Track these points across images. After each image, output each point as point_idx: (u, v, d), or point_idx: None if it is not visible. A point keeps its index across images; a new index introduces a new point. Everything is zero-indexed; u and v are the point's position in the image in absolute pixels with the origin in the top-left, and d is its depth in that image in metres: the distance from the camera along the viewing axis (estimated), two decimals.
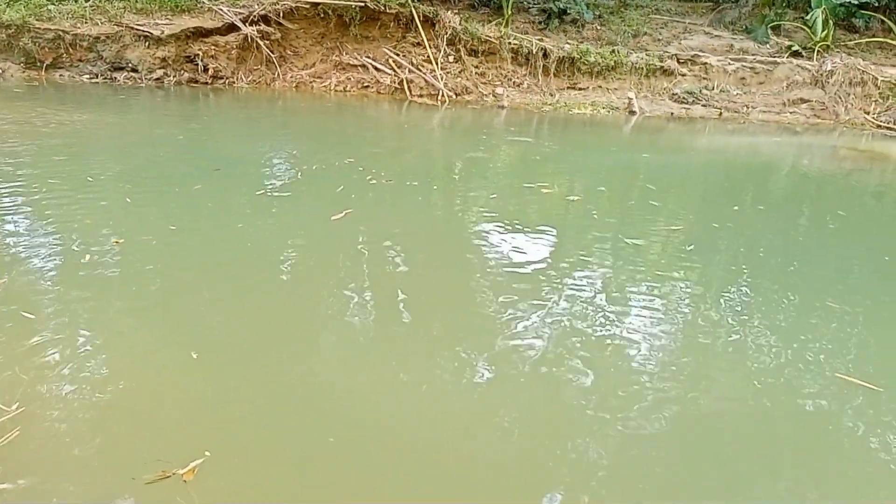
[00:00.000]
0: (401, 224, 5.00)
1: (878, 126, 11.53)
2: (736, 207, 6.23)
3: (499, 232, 4.90)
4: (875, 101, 11.89)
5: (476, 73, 12.97)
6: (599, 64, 12.79)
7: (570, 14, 14.31)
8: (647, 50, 13.49)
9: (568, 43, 13.38)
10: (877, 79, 11.91)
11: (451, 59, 12.90)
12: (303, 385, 2.79)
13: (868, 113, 11.80)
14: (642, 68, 12.78)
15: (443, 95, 12.39)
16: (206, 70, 12.46)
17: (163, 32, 12.15)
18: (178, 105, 10.59)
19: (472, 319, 3.52)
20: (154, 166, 6.38)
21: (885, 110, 11.69)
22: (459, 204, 5.81)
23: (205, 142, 7.80)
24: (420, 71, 12.62)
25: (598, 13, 14.79)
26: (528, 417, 2.66)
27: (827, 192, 7.69)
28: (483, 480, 2.32)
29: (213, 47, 12.46)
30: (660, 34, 14.33)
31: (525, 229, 4.99)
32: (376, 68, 12.84)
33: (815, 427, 2.71)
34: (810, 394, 2.92)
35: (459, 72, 12.89)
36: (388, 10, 12.64)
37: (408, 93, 12.50)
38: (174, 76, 12.39)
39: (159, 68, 12.35)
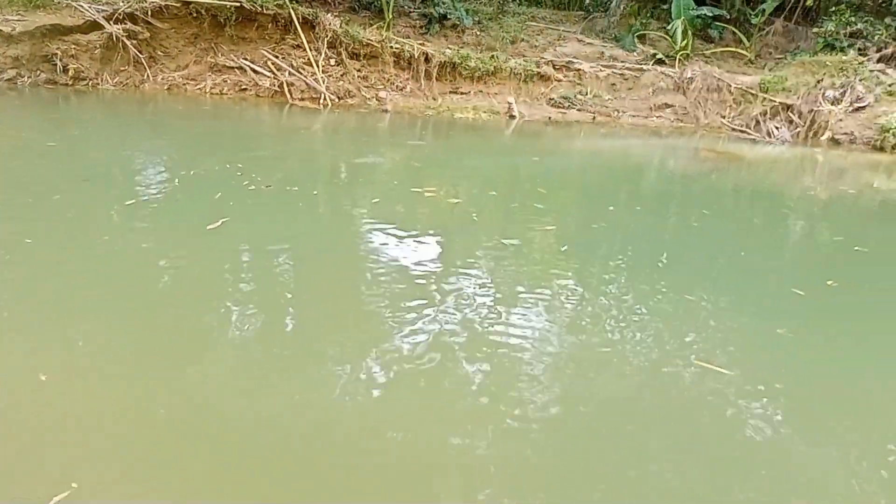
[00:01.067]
0: (280, 231, 4.88)
1: (733, 129, 12.55)
2: (612, 208, 6.56)
3: (381, 237, 4.90)
4: (729, 105, 12.93)
5: (359, 76, 12.89)
6: (480, 69, 13.08)
7: (450, 19, 14.55)
8: (524, 56, 13.95)
9: (449, 48, 13.59)
10: (730, 85, 12.96)
11: (332, 62, 12.75)
12: (176, 405, 2.65)
13: (724, 117, 12.83)
14: (521, 73, 13.20)
15: (325, 99, 12.21)
16: (65, 70, 11.58)
17: (14, 29, 11.18)
18: (35, 109, 9.77)
19: (358, 325, 3.48)
20: (5, 176, 5.85)
21: (738, 115, 12.75)
22: (342, 209, 5.74)
23: (69, 148, 7.24)
24: (301, 74, 12.38)
25: (477, 19, 15.13)
26: (419, 420, 2.67)
27: (692, 191, 8.27)
28: (374, 485, 2.30)
29: (73, 46, 11.61)
30: (536, 41, 14.87)
31: (409, 233, 5.01)
32: (254, 70, 12.46)
33: (679, 409, 2.91)
34: (674, 380, 3.13)
35: (342, 75, 12.76)
36: (265, 11, 12.28)
37: (288, 96, 12.22)
38: (29, 77, 11.43)
39: (11, 68, 11.35)
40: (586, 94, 13.22)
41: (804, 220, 7.05)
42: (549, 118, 12.65)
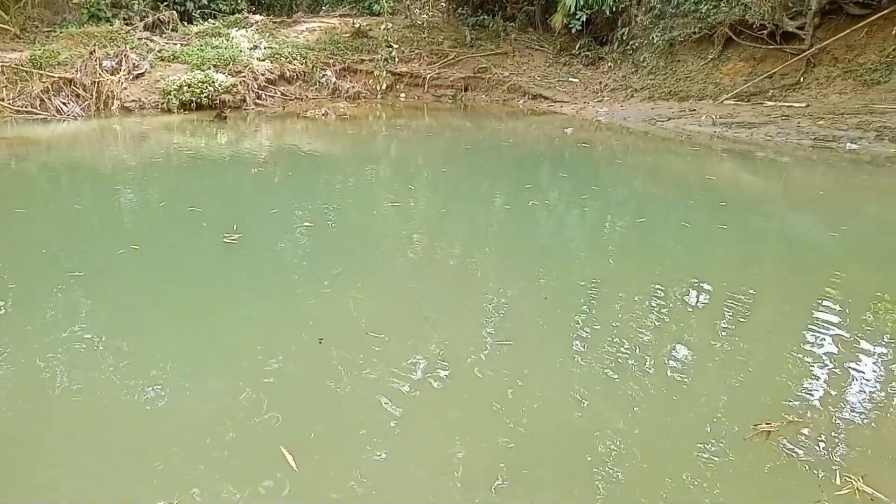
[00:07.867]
0: None
1: (18, 111, 11.35)
2: None
3: None
4: (5, 86, 11.58)
5: None
6: None
7: None
8: None
9: None
10: None
11: None
12: None
13: (3, 100, 11.44)
14: None
15: None
16: None
17: None
18: None
19: None
20: None
21: (19, 95, 11.56)
22: None
23: None
24: None
25: None
26: None
27: None
28: None
29: None
30: None
31: None
32: None
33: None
34: None
35: None
36: None
37: None
38: None
39: None
40: None
41: (129, 189, 7.05)
42: None
